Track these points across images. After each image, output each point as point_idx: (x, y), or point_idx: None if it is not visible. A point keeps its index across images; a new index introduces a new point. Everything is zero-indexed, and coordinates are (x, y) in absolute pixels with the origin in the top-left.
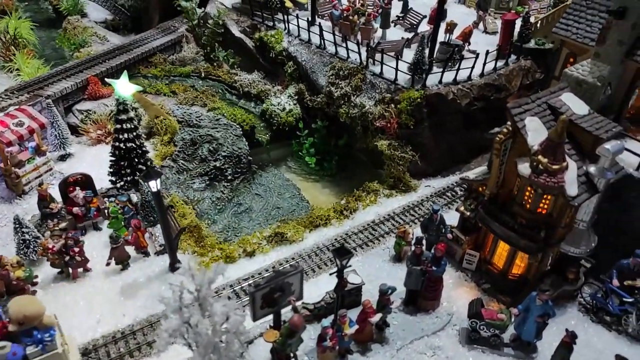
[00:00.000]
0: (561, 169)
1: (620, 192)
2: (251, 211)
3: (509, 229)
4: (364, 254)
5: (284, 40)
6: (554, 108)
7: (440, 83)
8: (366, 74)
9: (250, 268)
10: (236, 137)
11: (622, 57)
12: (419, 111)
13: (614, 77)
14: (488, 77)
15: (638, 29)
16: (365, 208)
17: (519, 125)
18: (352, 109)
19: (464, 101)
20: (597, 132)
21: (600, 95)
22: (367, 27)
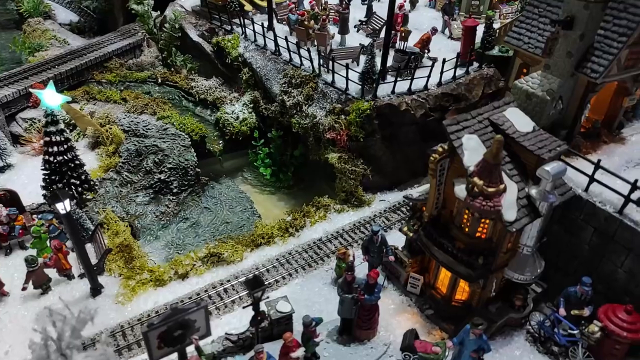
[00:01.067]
0: (498, 192)
1: (569, 214)
2: (198, 226)
3: (448, 253)
4: (305, 275)
5: (240, 46)
6: (496, 125)
7: (393, 93)
8: (318, 83)
9: (181, 291)
10: (184, 147)
11: (572, 69)
12: (369, 123)
13: (565, 90)
14: (446, 86)
15: (586, 40)
16: (313, 225)
17: (455, 144)
18: (304, 119)
19: (419, 112)
20: (539, 152)
21: (551, 110)
22: (322, 33)
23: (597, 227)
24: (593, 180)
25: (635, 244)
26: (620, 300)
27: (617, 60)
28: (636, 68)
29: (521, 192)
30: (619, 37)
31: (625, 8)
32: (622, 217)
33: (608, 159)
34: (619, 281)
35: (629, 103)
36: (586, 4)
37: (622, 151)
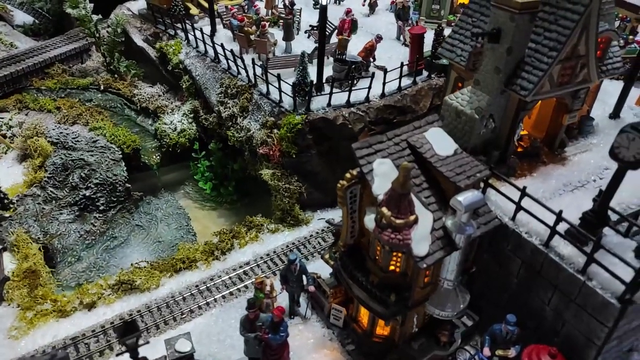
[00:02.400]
0: (407, 224)
1: (497, 243)
2: (127, 245)
3: (362, 288)
4: (224, 305)
5: (182, 52)
6: (414, 147)
7: (329, 106)
8: (253, 94)
9: (86, 323)
10: (113, 161)
11: (502, 86)
12: (302, 138)
13: (496, 108)
14: (390, 97)
15: (515, 55)
16: (242, 247)
17: (365, 169)
18: (239, 132)
19: (357, 126)
20: (456, 179)
21: (481, 129)
22: (262, 39)
23: (524, 260)
24: (520, 208)
25: (560, 281)
26: (549, 340)
27: (548, 77)
28: (572, 84)
29: (438, 222)
30: (549, 51)
31: (556, 20)
32: (547, 251)
33: (544, 182)
34: (547, 319)
35: (569, 121)
36: (512, 15)
37: (561, 173)
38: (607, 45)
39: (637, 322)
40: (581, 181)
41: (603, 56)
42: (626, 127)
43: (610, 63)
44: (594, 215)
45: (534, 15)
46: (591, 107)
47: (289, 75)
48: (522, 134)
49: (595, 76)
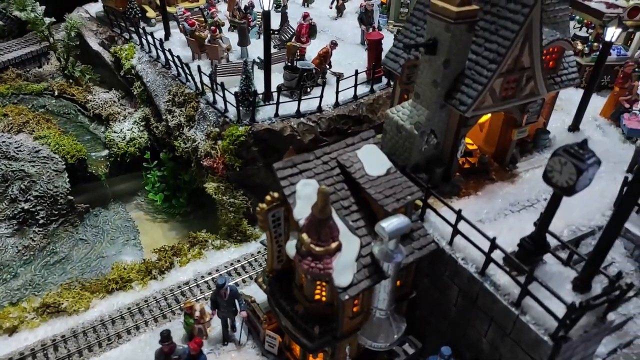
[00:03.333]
0: (328, 252)
1: (436, 268)
2: (68, 261)
3: (288, 317)
4: (155, 329)
5: (135, 57)
6: (343, 167)
7: (276, 116)
8: (200, 103)
9: (4, 350)
10: (55, 172)
11: (441, 100)
12: (246, 150)
13: (437, 123)
14: (344, 107)
15: (454, 67)
16: (183, 265)
17: (286, 191)
18: (186, 142)
19: (307, 137)
20: (384, 202)
21: (422, 145)
22: (213, 44)
23: (461, 288)
24: (456, 232)
25: (495, 313)
26: None
27: (489, 91)
28: (517, 98)
29: (366, 247)
30: (489, 63)
31: (497, 30)
32: (483, 280)
33: (489, 201)
34: (485, 353)
35: (519, 136)
36: (447, 25)
37: (509, 191)
38: (559, 55)
39: (576, 358)
40: (530, 200)
41: (556, 67)
42: (558, 150)
43: (566, 74)
44: (531, 242)
45: (472, 25)
46: (548, 120)
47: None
48: (472, 149)
49: (544, 89)
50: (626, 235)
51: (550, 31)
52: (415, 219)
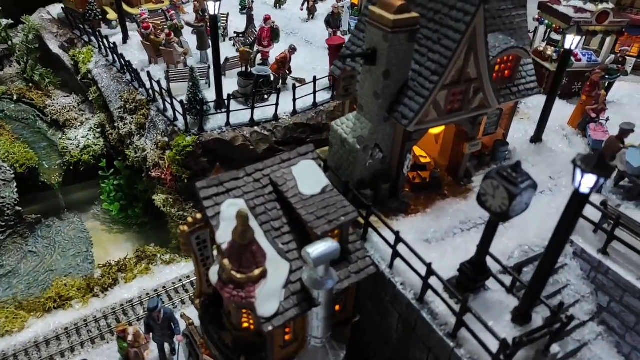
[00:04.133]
0: (250, 280)
1: (377, 292)
2: (15, 275)
3: (216, 346)
4: (91, 352)
5: (92, 60)
6: (276, 185)
7: (228, 125)
8: (151, 110)
9: None
10: (3, 182)
11: (384, 113)
12: (194, 161)
13: (382, 137)
14: (303, 115)
15: (395, 78)
16: (129, 281)
17: (210, 212)
18: (137, 151)
19: (262, 147)
20: (315, 223)
21: (367, 160)
22: (168, 48)
23: (401, 314)
24: (396, 254)
25: (432, 344)
26: None
27: (433, 104)
28: (465, 111)
29: (297, 272)
30: (431, 75)
31: (439, 39)
32: (420, 307)
33: (438, 219)
34: None
35: (470, 150)
36: (385, 34)
37: (460, 208)
38: (515, 64)
39: None
40: (483, 217)
41: (512, 76)
42: (491, 172)
43: (523, 83)
44: (470, 268)
45: (412, 34)
46: (507, 130)
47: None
48: (425, 162)
49: (494, 101)
50: (582, 256)
51: (505, 38)
52: (355, 239)
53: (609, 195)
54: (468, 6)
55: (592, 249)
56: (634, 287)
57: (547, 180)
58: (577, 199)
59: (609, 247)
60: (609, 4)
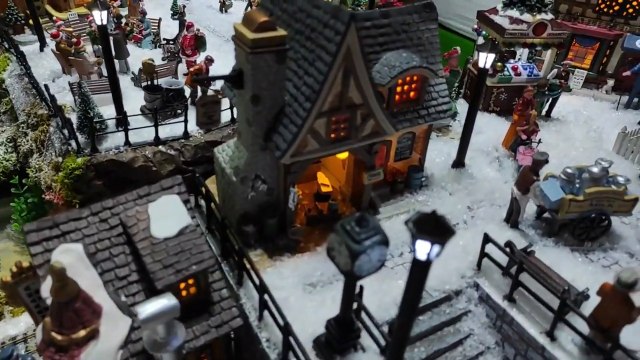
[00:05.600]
0: (74, 342)
1: (250, 345)
2: None
3: None
4: None
5: (8, 69)
6: (125, 226)
7: (127, 144)
8: (50, 126)
9: None
10: None
11: (260, 141)
12: (87, 184)
13: (263, 167)
14: (218, 131)
15: (268, 104)
16: (17, 315)
17: (37, 260)
18: (34, 171)
19: (166, 168)
20: (158, 274)
21: (248, 192)
22: (78, 58)
23: None
24: (264, 305)
25: None
26: None
27: (311, 133)
28: (355, 140)
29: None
30: (305, 101)
31: (314, 61)
32: None
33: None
34: None
35: (370, 179)
36: (246, 55)
37: None
38: (422, 84)
39: None
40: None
41: (419, 97)
42: (341, 223)
43: (434, 105)
44: (335, 326)
45: (281, 54)
46: (424, 155)
47: (108, 101)
48: (327, 192)
49: (390, 128)
50: (488, 302)
51: (409, 56)
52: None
53: (528, 231)
54: (339, 24)
55: (498, 294)
56: (537, 342)
57: (464, 211)
58: (416, 266)
59: (516, 294)
60: (547, 14)
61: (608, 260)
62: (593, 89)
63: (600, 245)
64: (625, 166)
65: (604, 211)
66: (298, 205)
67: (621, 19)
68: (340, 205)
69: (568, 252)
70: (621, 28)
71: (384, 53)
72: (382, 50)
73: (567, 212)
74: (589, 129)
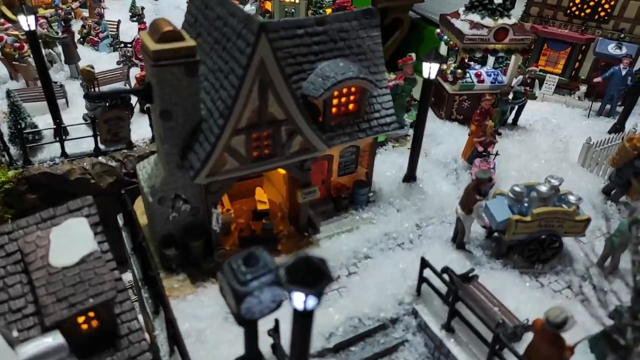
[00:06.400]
0: None
1: None
2: None
3: None
4: None
5: None
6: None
7: (64, 155)
8: None
9: None
10: None
11: (176, 160)
12: (19, 198)
13: (184, 187)
14: None
15: (181, 121)
16: None
17: None
18: None
19: (106, 180)
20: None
21: (169, 213)
22: (22, 63)
23: None
24: (173, 339)
25: None
26: None
27: (228, 151)
28: (282, 157)
29: None
30: (219, 117)
31: (228, 74)
32: None
33: None
34: None
35: (305, 198)
36: (151, 67)
37: None
38: (362, 97)
39: None
40: None
41: (359, 110)
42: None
43: (377, 117)
44: None
45: (191, 66)
46: (371, 169)
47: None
48: (263, 209)
49: (321, 144)
50: (426, 331)
51: (345, 66)
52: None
53: (476, 251)
54: (250, 34)
55: (436, 323)
56: None
57: (412, 229)
58: (296, 316)
59: (456, 322)
60: (510, 18)
61: (559, 284)
62: (566, 95)
63: (552, 267)
64: (588, 180)
65: (555, 232)
66: (233, 225)
67: (593, 22)
68: (279, 224)
69: (516, 275)
70: (593, 32)
71: (319, 62)
72: (317, 60)
73: (514, 234)
74: (555, 138)
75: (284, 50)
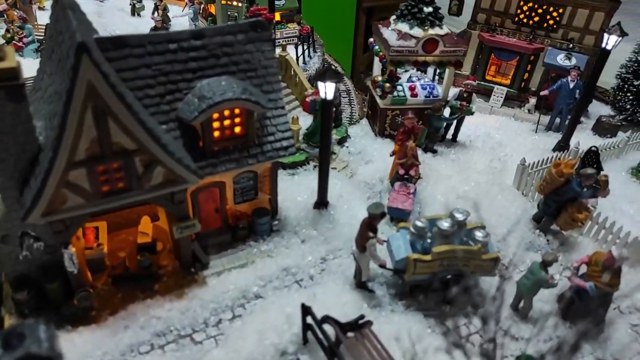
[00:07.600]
0: None
1: None
2: None
3: None
4: None
5: None
6: None
7: None
8: None
9: None
10: None
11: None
12: None
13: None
14: None
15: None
16: None
17: None
18: None
19: None
20: None
21: (18, 252)
22: None
23: None
24: None
25: None
26: None
27: (69, 187)
28: (140, 191)
29: None
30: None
31: (60, 98)
32: None
33: (116, 333)
34: None
35: (183, 233)
36: None
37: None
38: (247, 119)
39: None
40: (194, 326)
41: (248, 134)
42: None
43: (272, 141)
44: None
45: (15, 91)
46: (274, 196)
47: None
48: (144, 242)
49: (190, 175)
50: None
51: (227, 86)
52: None
53: (379, 290)
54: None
55: None
56: None
57: (315, 263)
58: None
59: None
60: (442, 28)
61: (468, 329)
62: (515, 107)
63: (461, 309)
64: (519, 205)
65: (461, 272)
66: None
67: (542, 31)
68: (164, 258)
69: (420, 318)
70: (542, 41)
71: (198, 80)
72: (195, 78)
73: (413, 274)
74: (494, 157)
75: (153, 68)
